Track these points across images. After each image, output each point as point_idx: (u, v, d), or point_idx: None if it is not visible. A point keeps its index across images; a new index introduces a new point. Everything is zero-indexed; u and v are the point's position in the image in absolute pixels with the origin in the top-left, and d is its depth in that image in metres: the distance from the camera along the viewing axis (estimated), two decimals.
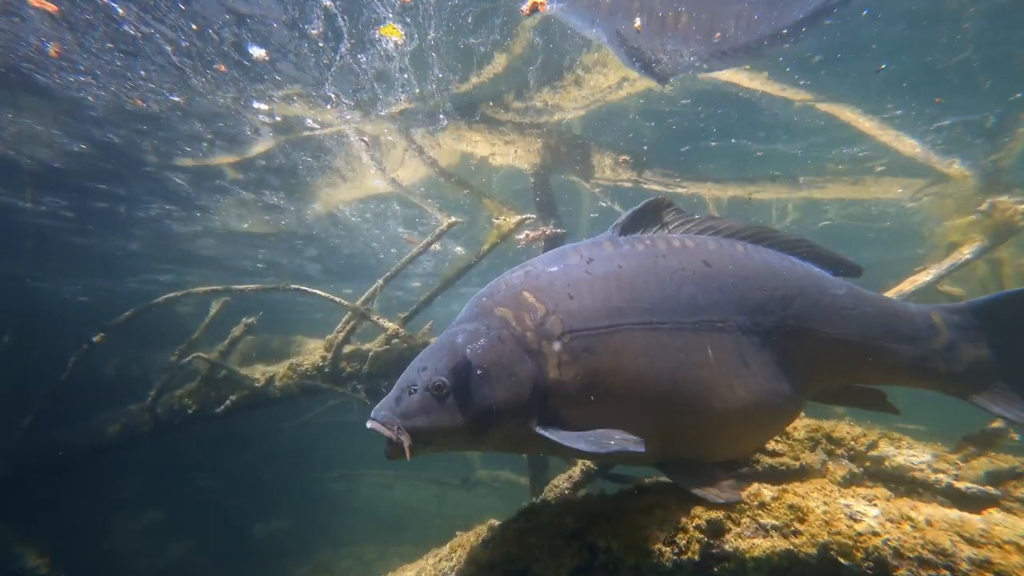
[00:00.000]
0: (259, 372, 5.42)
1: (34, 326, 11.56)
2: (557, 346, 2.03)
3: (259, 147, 6.47)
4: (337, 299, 4.90)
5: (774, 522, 1.90)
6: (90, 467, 7.22)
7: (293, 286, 4.78)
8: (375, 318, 5.06)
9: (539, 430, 1.96)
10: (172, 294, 5.20)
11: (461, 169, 7.12)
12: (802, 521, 1.86)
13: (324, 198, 8.09)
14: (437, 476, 16.20)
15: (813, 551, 1.80)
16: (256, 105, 5.52)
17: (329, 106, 5.47)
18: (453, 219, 4.92)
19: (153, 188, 7.65)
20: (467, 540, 2.55)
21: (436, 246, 5.42)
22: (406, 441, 1.85)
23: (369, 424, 1.91)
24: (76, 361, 5.89)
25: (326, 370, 5.36)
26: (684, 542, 1.93)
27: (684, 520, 1.97)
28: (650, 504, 2.13)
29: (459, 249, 10.42)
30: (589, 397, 2.02)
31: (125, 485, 12.16)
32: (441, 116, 5.87)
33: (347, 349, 5.46)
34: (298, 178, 7.40)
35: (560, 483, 3.14)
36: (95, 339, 5.59)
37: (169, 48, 4.62)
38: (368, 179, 7.29)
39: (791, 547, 1.83)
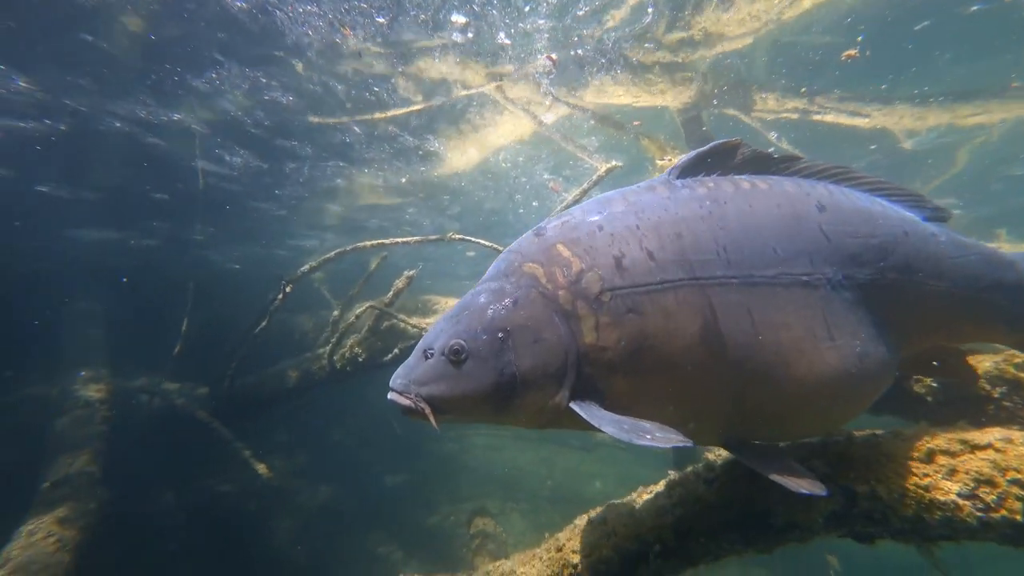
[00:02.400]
0: (423, 323, 5.69)
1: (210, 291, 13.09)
2: (595, 306, 1.75)
3: (416, 106, 6.64)
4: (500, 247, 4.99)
5: None
6: (263, 413, 8.20)
7: (457, 236, 4.92)
8: None
9: (572, 404, 1.72)
10: (343, 248, 5.59)
11: (590, 120, 6.86)
12: None
13: (481, 140, 8.02)
14: (548, 436, 16.68)
15: None
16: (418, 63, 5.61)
17: (480, 62, 5.51)
18: (612, 163, 4.68)
19: (333, 143, 7.75)
20: (684, 478, 2.49)
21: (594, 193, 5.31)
22: (427, 409, 1.70)
23: (389, 396, 1.76)
24: (273, 311, 6.36)
25: None
26: (994, 497, 1.69)
27: (988, 471, 1.72)
28: (927, 450, 1.92)
29: None
30: (636, 366, 1.74)
31: (277, 433, 13.80)
32: (584, 69, 5.66)
33: None
34: (455, 125, 7.41)
35: None
36: (287, 288, 5.99)
37: None
38: (520, 124, 7.20)
39: None
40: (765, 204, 1.93)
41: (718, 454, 2.90)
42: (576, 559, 2.64)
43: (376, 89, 6.44)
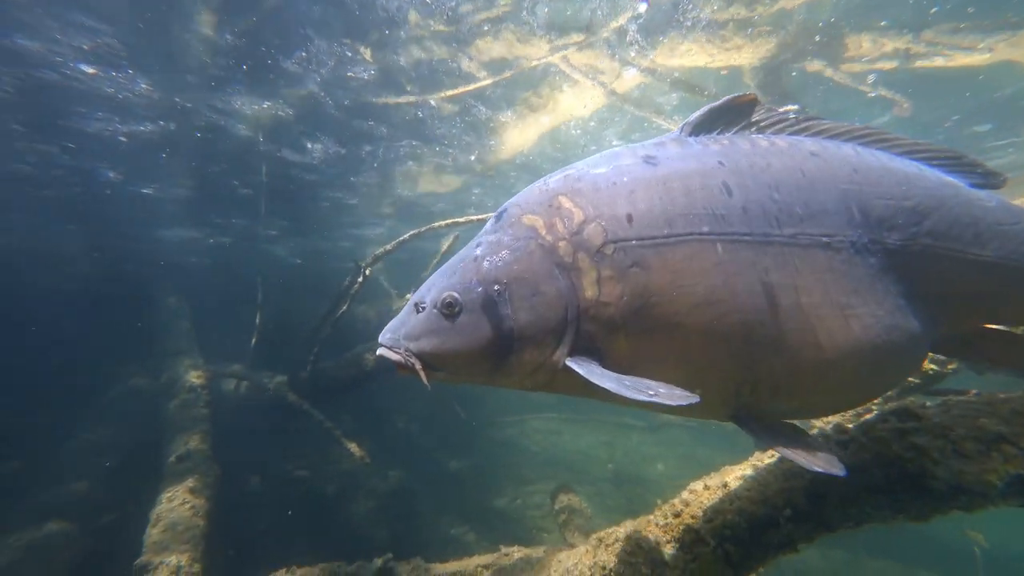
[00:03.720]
0: None
1: (277, 284, 13.75)
2: (597, 259, 1.63)
3: (481, 82, 6.66)
4: None
5: None
6: (341, 397, 8.60)
7: None
8: None
9: (568, 361, 1.60)
10: (418, 229, 5.74)
11: (667, 83, 6.64)
12: None
13: (551, 110, 7.87)
14: (605, 418, 16.68)
15: None
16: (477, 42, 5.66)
17: (544, 34, 5.50)
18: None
19: (406, 120, 7.69)
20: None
21: None
22: (417, 364, 1.61)
23: (378, 351, 1.68)
24: (353, 295, 6.52)
25: None
26: None
27: None
28: None
29: None
30: (640, 324, 1.61)
31: (343, 420, 14.45)
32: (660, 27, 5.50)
33: None
34: (523, 98, 7.36)
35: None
36: (366, 271, 6.15)
37: None
38: (589, 93, 7.09)
39: None
40: (784, 161, 1.80)
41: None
42: (697, 524, 2.65)
43: (452, 63, 6.40)
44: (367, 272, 6.15)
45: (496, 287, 1.63)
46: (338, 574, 3.71)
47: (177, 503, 4.04)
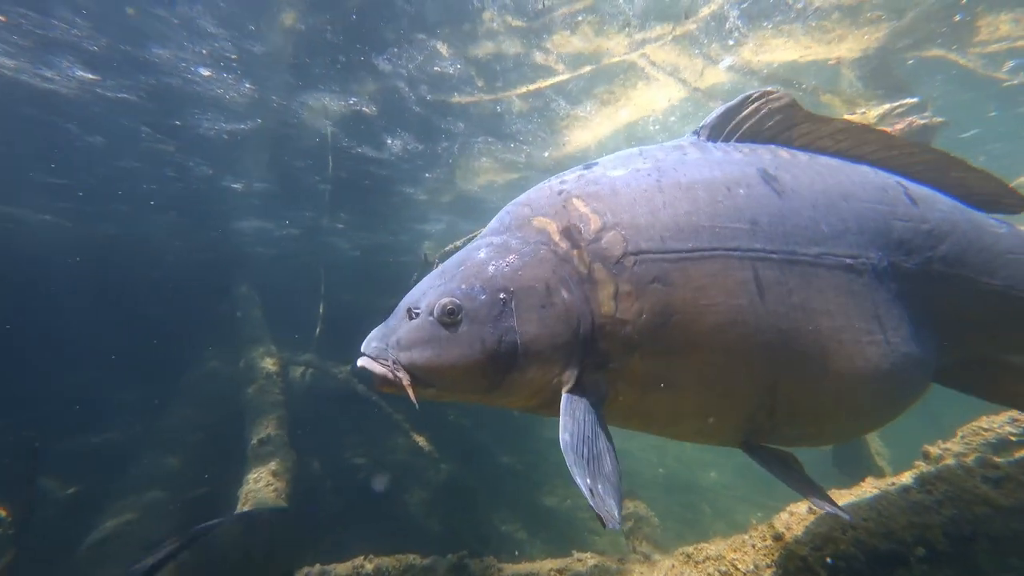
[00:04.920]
0: None
1: (337, 276, 14.27)
2: (615, 271, 1.48)
3: (559, 76, 6.61)
4: None
5: None
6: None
7: None
8: None
9: (565, 393, 1.45)
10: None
11: (756, 79, 6.30)
12: None
13: (630, 103, 7.68)
14: None
15: None
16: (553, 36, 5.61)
17: (634, 24, 5.37)
18: None
19: (484, 116, 7.71)
20: (947, 472, 2.24)
21: None
22: (405, 379, 1.42)
23: (360, 362, 1.48)
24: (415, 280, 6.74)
25: None
26: None
27: None
28: None
29: None
30: (658, 345, 1.48)
31: (399, 412, 14.83)
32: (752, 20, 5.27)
33: None
34: (600, 93, 7.27)
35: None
36: (436, 265, 6.32)
37: None
38: (670, 89, 6.92)
39: None
40: (807, 176, 1.69)
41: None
42: (803, 551, 2.49)
43: (529, 58, 6.33)
44: (437, 266, 6.23)
45: (502, 295, 1.46)
46: (413, 566, 3.78)
47: (262, 484, 4.24)
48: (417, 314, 1.48)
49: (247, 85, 6.54)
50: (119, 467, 5.97)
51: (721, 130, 1.78)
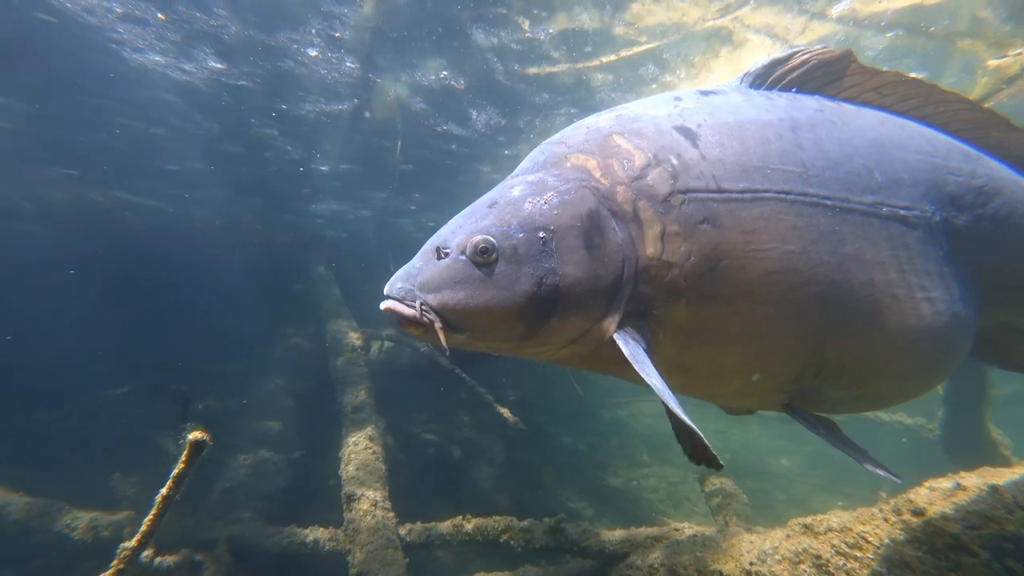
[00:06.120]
0: None
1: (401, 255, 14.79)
2: (662, 210, 1.37)
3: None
4: None
5: None
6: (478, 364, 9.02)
7: None
8: None
9: (617, 336, 1.33)
10: None
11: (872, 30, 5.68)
12: None
13: (730, 63, 7.15)
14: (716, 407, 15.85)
15: None
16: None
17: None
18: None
19: (567, 85, 7.46)
20: None
21: None
22: (437, 322, 1.30)
23: (384, 304, 1.36)
24: None
25: None
26: None
27: None
28: None
29: None
30: (705, 291, 1.36)
31: (459, 392, 15.27)
32: None
33: None
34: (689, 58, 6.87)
35: None
36: None
37: None
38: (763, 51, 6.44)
39: None
40: (858, 123, 1.60)
41: None
42: (955, 528, 2.34)
43: (618, 28, 6.03)
44: None
45: (542, 234, 1.34)
46: (512, 527, 3.87)
47: (361, 447, 4.46)
48: (447, 253, 1.38)
49: (348, 64, 6.70)
50: (229, 428, 6.49)
51: (764, 78, 1.70)
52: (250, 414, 7.16)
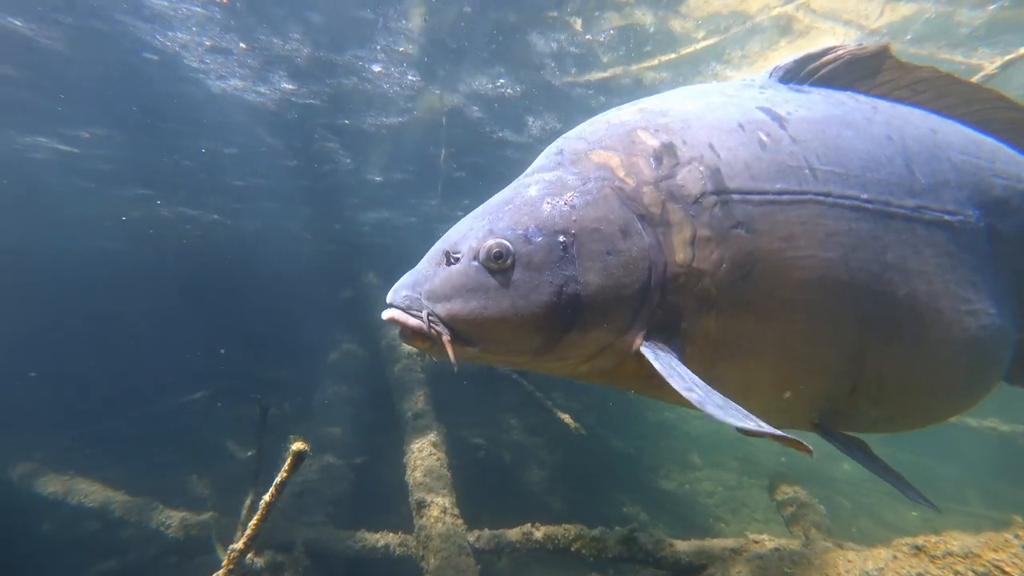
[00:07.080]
0: None
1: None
2: (692, 213, 1.26)
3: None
4: None
5: None
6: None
7: None
8: None
9: (645, 348, 1.22)
10: None
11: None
12: None
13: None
14: None
15: None
16: None
17: None
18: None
19: (622, 86, 7.40)
20: None
21: None
22: (445, 335, 1.19)
23: (385, 314, 1.27)
24: None
25: None
26: None
27: None
28: None
29: None
30: (738, 301, 1.27)
31: (504, 395, 15.33)
32: None
33: None
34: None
35: None
36: None
37: None
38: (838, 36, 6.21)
39: None
40: (897, 122, 1.48)
41: None
42: None
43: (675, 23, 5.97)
44: None
45: (561, 238, 1.24)
46: (583, 536, 3.84)
47: (426, 453, 4.52)
48: (457, 259, 1.29)
49: (410, 77, 6.88)
50: (291, 433, 6.72)
51: (796, 73, 1.60)
52: (312, 420, 7.40)
